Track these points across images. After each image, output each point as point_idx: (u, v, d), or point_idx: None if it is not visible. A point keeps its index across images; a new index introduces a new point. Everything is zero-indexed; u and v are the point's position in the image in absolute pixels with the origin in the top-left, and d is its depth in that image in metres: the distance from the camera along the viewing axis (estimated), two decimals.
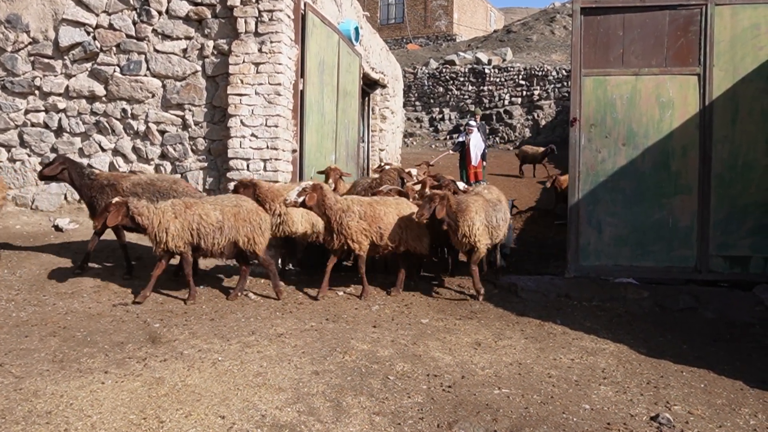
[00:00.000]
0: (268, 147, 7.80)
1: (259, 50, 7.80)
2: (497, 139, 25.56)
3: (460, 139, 14.86)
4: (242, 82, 7.86)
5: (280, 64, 7.74)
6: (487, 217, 6.91)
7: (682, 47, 7.57)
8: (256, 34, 7.82)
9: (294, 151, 8.16)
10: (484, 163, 15.12)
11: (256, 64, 7.82)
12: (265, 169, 7.78)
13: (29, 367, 4.69)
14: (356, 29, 10.50)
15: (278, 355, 5.10)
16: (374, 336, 5.69)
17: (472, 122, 15.05)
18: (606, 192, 7.72)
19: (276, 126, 7.79)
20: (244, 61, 7.85)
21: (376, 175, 8.42)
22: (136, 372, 4.66)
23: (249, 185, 7.12)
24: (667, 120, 7.61)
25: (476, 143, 14.37)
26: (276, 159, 7.76)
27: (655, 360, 5.48)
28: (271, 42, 7.75)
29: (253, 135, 7.86)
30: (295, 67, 8.11)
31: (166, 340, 5.39)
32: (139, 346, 5.22)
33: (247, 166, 7.85)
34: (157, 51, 8.35)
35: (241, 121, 7.89)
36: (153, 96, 8.43)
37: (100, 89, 8.55)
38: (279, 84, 7.76)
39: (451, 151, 16.35)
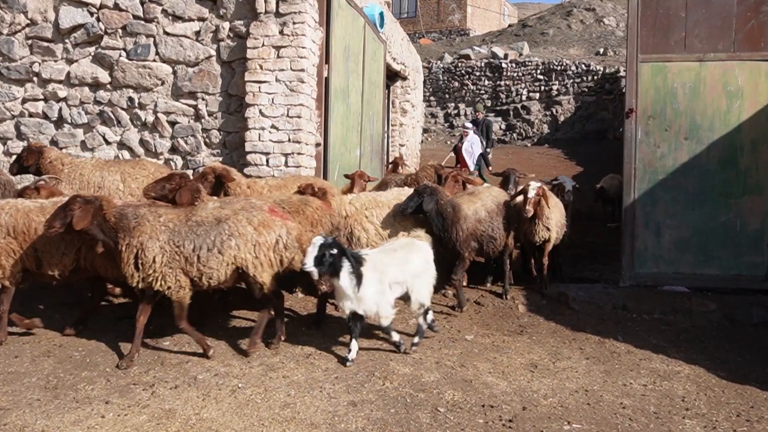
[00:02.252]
0: (290, 140, 7.19)
1: (281, 32, 7.20)
2: (514, 135, 24.89)
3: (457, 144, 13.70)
4: (261, 67, 7.25)
5: (303, 47, 7.13)
6: (175, 242, 4.63)
7: (752, 30, 6.93)
8: (277, 14, 7.21)
9: (318, 144, 7.52)
10: (490, 168, 13.79)
11: (277, 48, 7.22)
12: (286, 165, 7.16)
13: (17, 396, 4.21)
14: (381, 14, 9.82)
15: (307, 380, 4.58)
16: (415, 356, 5.18)
17: (468, 124, 13.90)
18: (666, 191, 7.13)
19: (299, 116, 7.17)
20: (263, 45, 7.24)
21: (410, 171, 7.66)
22: (142, 402, 4.15)
23: (34, 151, 6.18)
24: (736, 111, 7.00)
25: (469, 148, 13.08)
26: (299, 153, 7.12)
27: (739, 386, 4.96)
28: (294, 23, 7.14)
29: (273, 127, 7.24)
30: (319, 52, 7.48)
31: (177, 361, 4.89)
32: (146, 368, 4.69)
33: (267, 161, 7.20)
34: (167, 33, 7.75)
35: (260, 111, 7.29)
36: (162, 83, 7.84)
37: (104, 76, 7.95)
38: (302, 70, 7.15)
39: (452, 154, 14.93)
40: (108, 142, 8.02)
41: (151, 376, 4.51)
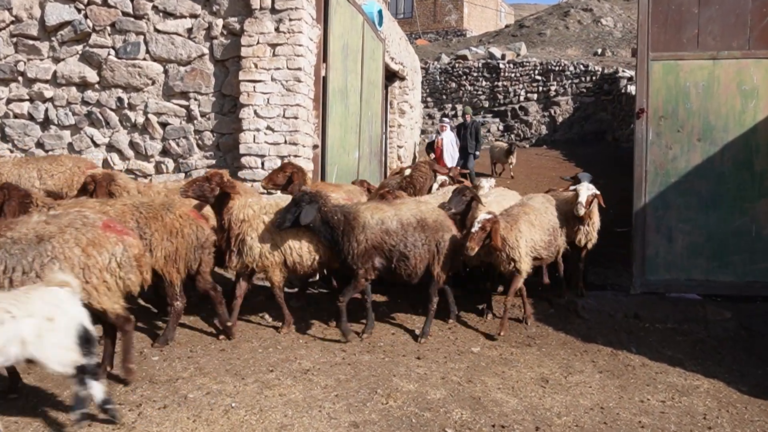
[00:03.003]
0: (286, 142, 7.01)
1: (276, 29, 7.01)
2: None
3: (432, 138, 13.37)
4: (256, 66, 7.04)
5: (300, 45, 6.94)
6: None
7: None
8: (273, 10, 7.02)
9: (315, 146, 7.28)
10: (470, 167, 13.31)
11: (273, 46, 7.01)
12: None
13: None
14: (380, 12, 9.59)
15: (305, 399, 4.28)
16: (420, 371, 4.88)
17: (446, 119, 13.60)
18: (678, 195, 6.90)
19: (295, 117, 6.98)
20: (258, 42, 7.04)
21: (407, 172, 7.35)
22: (128, 424, 3.84)
23: None
24: (751, 111, 6.78)
25: (449, 144, 12.66)
26: (295, 156, 6.93)
27: (762, 401, 4.75)
28: (290, 20, 6.95)
29: (268, 128, 7.05)
30: (316, 50, 7.29)
31: (166, 377, 4.56)
32: (133, 386, 4.42)
33: (262, 163, 7.01)
34: (158, 31, 7.53)
35: (255, 112, 7.09)
36: (153, 83, 7.62)
37: (92, 75, 7.73)
38: (299, 69, 6.95)
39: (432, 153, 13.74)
40: (96, 144, 7.78)
41: (138, 394, 4.20)
